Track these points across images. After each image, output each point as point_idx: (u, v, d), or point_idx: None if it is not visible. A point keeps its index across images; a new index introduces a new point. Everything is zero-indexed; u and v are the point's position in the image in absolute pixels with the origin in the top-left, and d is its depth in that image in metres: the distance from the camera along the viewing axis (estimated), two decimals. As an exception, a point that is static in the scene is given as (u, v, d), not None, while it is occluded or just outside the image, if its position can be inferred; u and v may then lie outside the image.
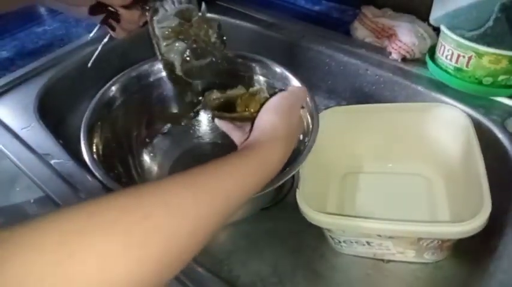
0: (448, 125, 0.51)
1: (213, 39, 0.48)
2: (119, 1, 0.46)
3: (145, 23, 0.49)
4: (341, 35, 0.64)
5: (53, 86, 0.58)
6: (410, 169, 0.55)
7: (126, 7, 0.47)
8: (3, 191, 0.44)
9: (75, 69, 0.62)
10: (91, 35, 0.55)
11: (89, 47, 0.65)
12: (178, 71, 0.48)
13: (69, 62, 0.62)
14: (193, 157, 0.63)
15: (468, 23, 0.49)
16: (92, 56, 0.56)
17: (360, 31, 0.62)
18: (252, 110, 0.45)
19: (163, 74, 0.60)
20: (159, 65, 0.59)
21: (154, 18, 0.46)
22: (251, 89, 0.47)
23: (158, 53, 0.48)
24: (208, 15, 0.48)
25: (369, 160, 0.56)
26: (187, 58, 0.47)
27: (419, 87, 0.55)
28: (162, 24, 0.46)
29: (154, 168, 0.61)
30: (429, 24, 0.56)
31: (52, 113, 0.56)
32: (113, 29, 0.50)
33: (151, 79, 0.59)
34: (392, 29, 0.58)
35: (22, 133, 0.51)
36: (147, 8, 0.47)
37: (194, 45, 0.47)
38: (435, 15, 0.51)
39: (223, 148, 0.63)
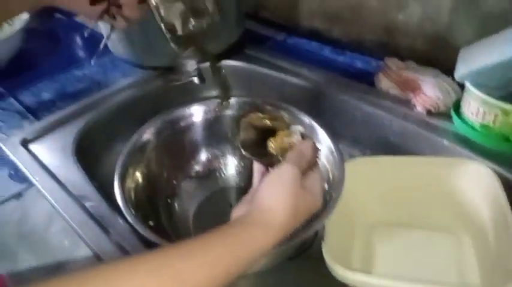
0: (475, 182, 0.51)
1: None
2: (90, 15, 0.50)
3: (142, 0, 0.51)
4: (365, 85, 0.66)
5: (90, 128, 0.61)
6: (437, 224, 0.55)
7: None
8: (40, 232, 0.46)
9: (111, 113, 0.65)
10: (101, 46, 0.58)
11: (124, 91, 0.68)
12: (180, 31, 0.49)
13: (105, 105, 0.65)
14: (218, 201, 0.64)
15: (493, 81, 0.50)
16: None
17: (384, 83, 0.64)
18: (278, 156, 0.44)
19: (194, 119, 0.63)
20: (190, 111, 0.62)
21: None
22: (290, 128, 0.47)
23: (159, 19, 0.49)
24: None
25: (395, 213, 0.56)
26: (187, 18, 0.49)
27: (445, 141, 0.56)
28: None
29: (181, 210, 0.62)
30: (453, 79, 0.57)
31: (88, 154, 0.59)
32: (114, 18, 0.53)
33: (182, 124, 0.62)
34: (417, 82, 0.60)
35: (59, 174, 0.53)
36: None
37: (192, 6, 0.48)
38: (460, 72, 0.53)
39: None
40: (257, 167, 0.45)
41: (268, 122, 0.48)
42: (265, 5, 0.87)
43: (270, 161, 0.44)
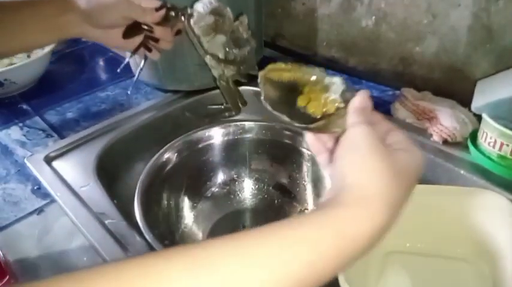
0: (493, 212, 0.50)
1: (242, 30, 0.52)
2: (154, 17, 0.48)
3: (178, 32, 0.52)
4: (382, 114, 0.67)
5: (111, 147, 0.63)
6: (454, 254, 0.54)
7: (158, 23, 0.49)
8: (60, 248, 0.47)
9: (132, 133, 0.67)
10: (119, 70, 0.58)
11: (146, 113, 0.70)
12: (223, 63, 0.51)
13: (127, 126, 0.67)
14: (232, 222, 0.64)
15: (511, 113, 0.51)
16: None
17: (401, 112, 0.65)
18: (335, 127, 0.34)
19: (212, 141, 0.65)
20: (209, 133, 0.64)
21: (191, 20, 0.49)
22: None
23: (202, 51, 0.50)
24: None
25: (412, 241, 0.56)
26: (228, 49, 0.50)
27: (462, 171, 0.56)
28: (200, 23, 0.49)
29: (195, 230, 0.63)
30: (470, 110, 0.58)
31: (109, 172, 0.61)
32: (149, 51, 0.53)
33: (200, 146, 0.63)
34: (434, 113, 0.61)
35: (81, 191, 0.55)
36: (182, 13, 0.49)
37: (232, 36, 0.50)
38: (477, 104, 0.54)
39: (263, 214, 0.65)
40: (311, 139, 0.36)
41: (288, 75, 0.39)
42: (283, 33, 0.90)
43: (320, 127, 0.34)
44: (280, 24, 0.90)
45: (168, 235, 0.55)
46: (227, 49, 0.50)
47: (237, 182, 0.66)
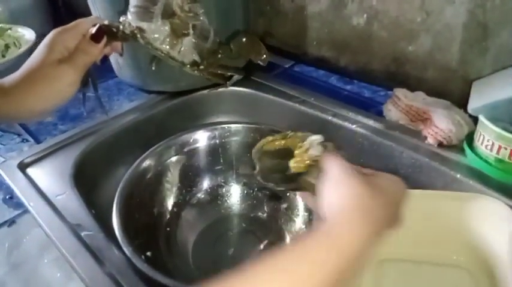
0: (490, 217, 0.49)
1: (197, 15, 0.45)
2: (98, 51, 0.44)
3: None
4: (374, 115, 0.65)
5: (90, 152, 0.60)
6: (449, 261, 0.52)
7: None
8: (32, 263, 0.44)
9: (113, 137, 0.64)
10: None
11: (128, 115, 0.67)
12: (199, 60, 0.45)
13: (108, 129, 0.64)
14: (219, 229, 0.62)
15: (509, 115, 0.49)
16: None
17: (394, 113, 0.63)
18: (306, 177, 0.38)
19: (197, 145, 0.62)
20: (194, 136, 0.61)
21: (147, 37, 0.43)
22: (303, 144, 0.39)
23: (178, 63, 0.45)
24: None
25: (405, 248, 0.54)
26: (198, 44, 0.45)
27: (458, 175, 0.53)
28: (158, 37, 0.43)
29: (180, 239, 0.60)
30: (465, 111, 0.56)
31: (88, 180, 0.57)
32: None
33: (185, 150, 0.60)
34: (428, 114, 0.59)
35: (56, 201, 0.51)
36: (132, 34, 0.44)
37: (196, 31, 0.44)
38: (473, 105, 0.52)
39: (251, 220, 0.62)
40: (304, 198, 0.43)
41: (282, 143, 0.42)
42: (273, 32, 0.88)
43: (301, 185, 0.39)
44: (269, 22, 0.87)
45: (151, 246, 0.52)
46: (200, 48, 0.45)
47: (223, 188, 0.63)
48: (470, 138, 0.55)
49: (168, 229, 0.59)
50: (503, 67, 0.56)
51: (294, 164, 0.38)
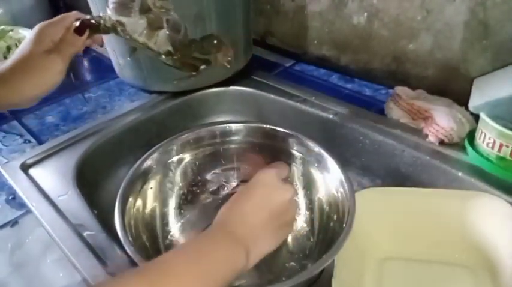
0: (491, 216, 0.49)
1: (168, 10, 0.50)
2: (81, 42, 0.48)
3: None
4: (375, 114, 0.65)
5: (92, 153, 0.60)
6: (451, 259, 0.52)
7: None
8: (35, 262, 0.44)
9: (115, 137, 0.64)
10: None
11: (130, 116, 0.67)
12: (174, 52, 0.50)
13: (110, 129, 0.64)
14: (221, 229, 0.61)
15: (510, 113, 0.48)
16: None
17: (395, 112, 0.63)
18: None
19: (198, 145, 0.61)
20: (195, 136, 0.61)
21: (126, 30, 0.47)
22: None
23: (155, 53, 0.49)
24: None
25: (407, 247, 0.54)
26: (172, 36, 0.49)
27: (459, 173, 0.53)
28: (136, 30, 0.47)
29: (181, 239, 0.60)
30: (467, 109, 0.56)
31: (90, 180, 0.57)
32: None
33: (186, 149, 0.60)
34: (429, 112, 0.58)
35: (58, 201, 0.52)
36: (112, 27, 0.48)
37: (169, 24, 0.48)
38: (475, 103, 0.51)
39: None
40: None
41: None
42: (273, 31, 0.88)
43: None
44: (270, 21, 0.87)
45: (153, 246, 0.52)
46: (174, 40, 0.49)
47: (226, 187, 0.63)
48: (471, 136, 0.55)
49: (169, 229, 0.59)
50: (504, 65, 0.56)
51: None
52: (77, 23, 0.47)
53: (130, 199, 0.51)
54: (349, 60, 0.77)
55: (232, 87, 0.74)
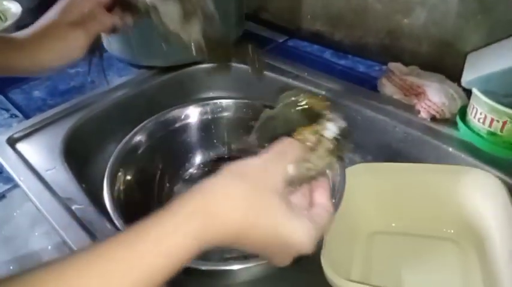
0: (481, 191, 0.49)
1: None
2: (107, 24, 0.46)
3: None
4: (368, 90, 0.64)
5: (80, 127, 0.59)
6: (440, 233, 0.52)
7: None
8: (23, 236, 0.44)
9: (104, 112, 0.62)
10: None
11: (118, 91, 0.66)
12: (204, 46, 0.46)
13: (98, 104, 0.63)
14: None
15: (502, 88, 0.48)
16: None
17: (388, 88, 0.62)
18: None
19: (189, 120, 0.61)
20: (185, 112, 0.60)
21: (160, 16, 0.43)
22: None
23: (186, 43, 0.45)
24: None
25: (397, 221, 0.54)
26: (204, 27, 0.45)
27: (450, 149, 0.53)
28: (170, 17, 0.43)
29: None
30: (459, 85, 0.56)
31: (78, 155, 0.57)
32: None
33: (176, 125, 0.60)
34: (422, 88, 0.58)
35: (46, 175, 0.51)
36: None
37: (204, 15, 0.44)
38: (468, 78, 0.51)
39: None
40: None
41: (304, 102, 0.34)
42: (266, 6, 0.86)
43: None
44: (263, -5, 0.85)
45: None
46: (206, 31, 0.45)
47: (216, 163, 0.63)
48: (463, 112, 0.55)
49: (160, 203, 0.59)
50: (498, 40, 0.55)
51: (296, 137, 0.32)
52: None
53: (120, 173, 0.50)
54: (343, 36, 0.76)
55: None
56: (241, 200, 0.27)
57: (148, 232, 0.25)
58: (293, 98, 0.34)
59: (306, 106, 0.33)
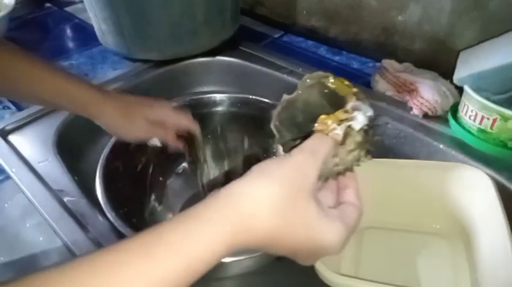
0: (470, 187, 0.49)
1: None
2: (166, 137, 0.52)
3: None
4: (361, 86, 0.65)
5: (73, 120, 0.59)
6: (430, 229, 0.53)
7: None
8: (14, 227, 0.43)
9: (97, 105, 0.62)
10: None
11: (113, 84, 0.66)
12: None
13: (91, 97, 0.63)
14: (204, 198, 0.62)
15: (493, 85, 0.49)
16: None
17: (381, 84, 0.62)
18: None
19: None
20: (180, 106, 0.60)
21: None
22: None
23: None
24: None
25: (388, 217, 0.54)
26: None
27: (441, 146, 0.54)
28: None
29: (165, 208, 0.60)
30: (451, 82, 0.56)
31: (70, 147, 0.56)
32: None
33: (170, 119, 0.59)
34: (414, 85, 0.58)
35: (39, 167, 0.51)
36: None
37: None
38: (459, 75, 0.51)
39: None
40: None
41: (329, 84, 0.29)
42: (262, 1, 0.85)
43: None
44: (259, -10, 0.85)
45: (135, 214, 0.52)
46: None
47: (210, 157, 0.63)
48: (454, 109, 0.55)
49: (153, 197, 0.59)
50: (491, 38, 0.55)
51: (318, 127, 0.28)
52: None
53: (113, 166, 0.50)
54: (338, 32, 0.76)
55: (218, 58, 0.73)
56: (274, 205, 0.26)
57: (172, 241, 0.25)
58: (317, 80, 0.30)
59: (332, 87, 0.29)
